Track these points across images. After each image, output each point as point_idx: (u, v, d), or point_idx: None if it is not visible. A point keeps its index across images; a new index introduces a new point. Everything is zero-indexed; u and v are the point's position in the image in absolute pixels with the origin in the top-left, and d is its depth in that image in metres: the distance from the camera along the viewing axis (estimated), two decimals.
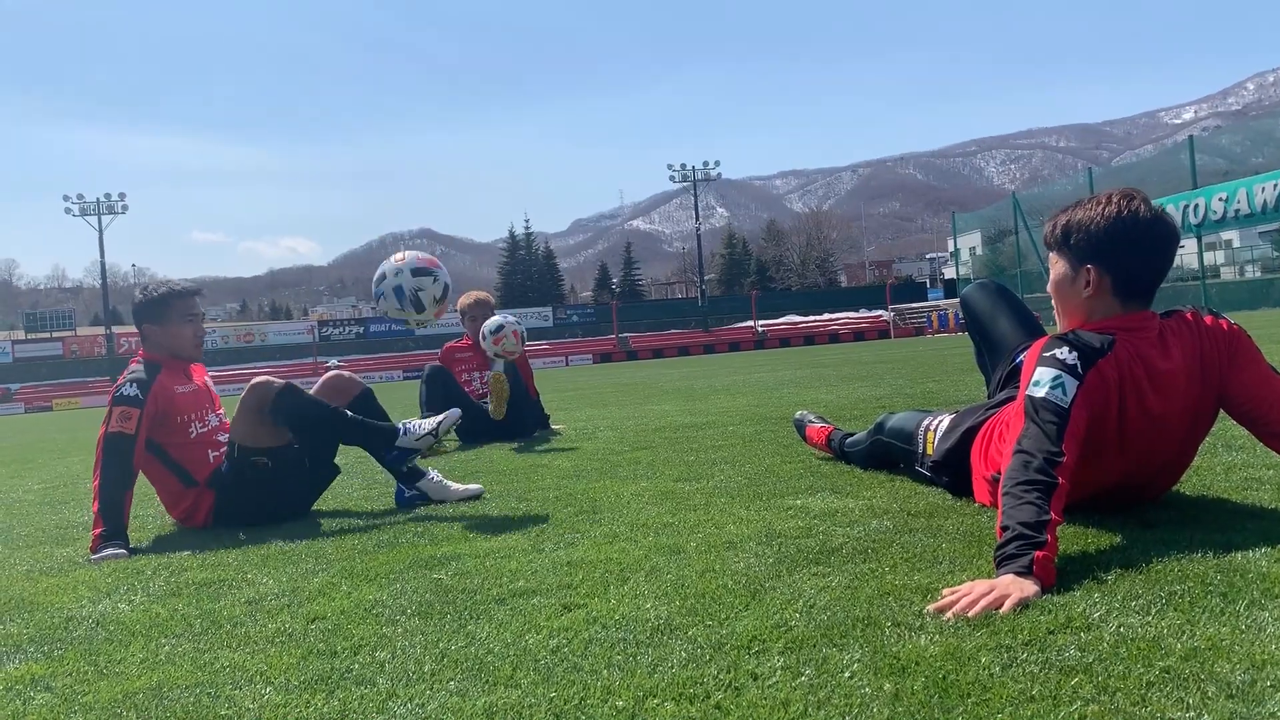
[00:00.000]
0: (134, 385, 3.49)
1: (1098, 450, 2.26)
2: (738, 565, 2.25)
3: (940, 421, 3.02)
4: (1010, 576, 1.84)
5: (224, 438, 3.68)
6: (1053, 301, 2.46)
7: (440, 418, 3.63)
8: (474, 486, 3.81)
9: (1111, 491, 2.43)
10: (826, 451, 3.93)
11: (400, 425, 3.64)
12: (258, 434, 3.57)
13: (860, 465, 3.60)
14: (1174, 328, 2.32)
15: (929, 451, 3.01)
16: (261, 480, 3.58)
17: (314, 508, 3.85)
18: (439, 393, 6.17)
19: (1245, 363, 2.31)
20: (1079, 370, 2.19)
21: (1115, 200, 2.31)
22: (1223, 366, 2.31)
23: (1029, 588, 1.80)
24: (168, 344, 3.68)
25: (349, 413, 3.70)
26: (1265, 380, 2.32)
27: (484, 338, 6.02)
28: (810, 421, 4.12)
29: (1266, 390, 2.31)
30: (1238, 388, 2.32)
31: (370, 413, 3.79)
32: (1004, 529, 1.96)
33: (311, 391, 3.89)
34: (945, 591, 1.85)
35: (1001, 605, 1.74)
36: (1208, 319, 2.35)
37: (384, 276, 3.65)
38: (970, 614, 1.71)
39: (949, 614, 1.73)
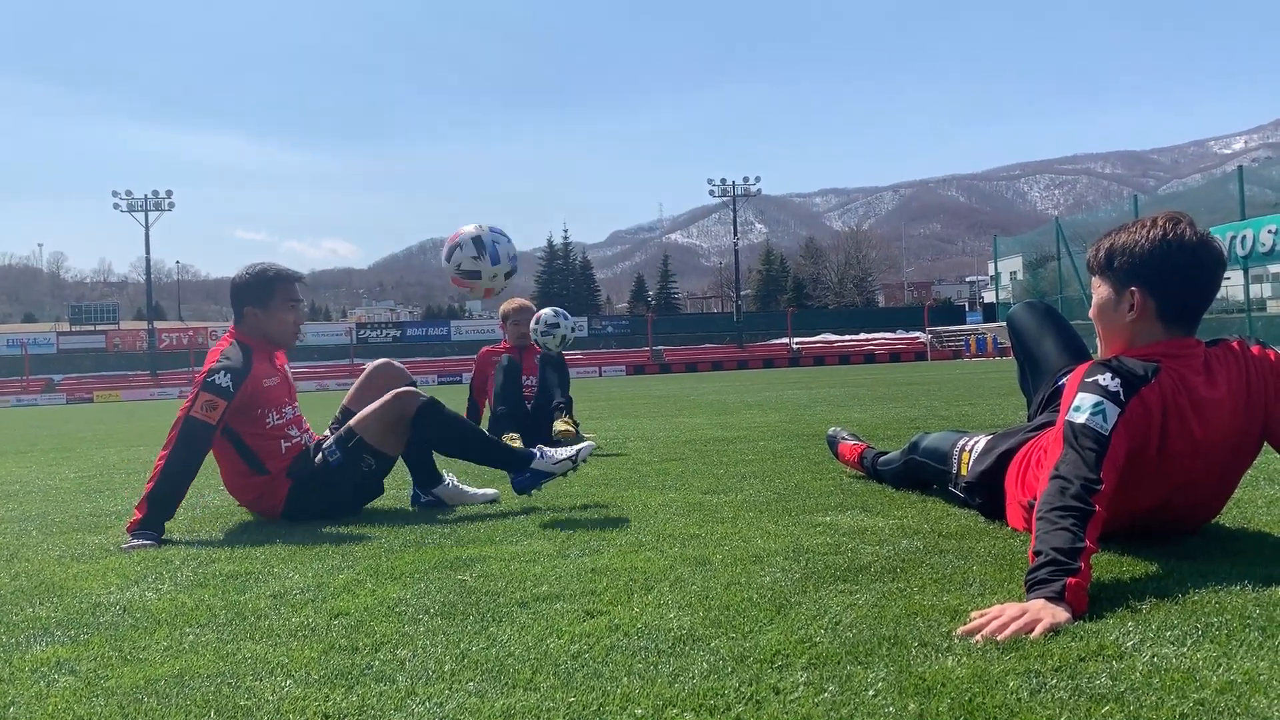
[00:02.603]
0: (227, 375, 3.38)
1: (1137, 477, 2.22)
2: (764, 579, 2.23)
3: (976, 443, 2.97)
4: (1041, 601, 1.80)
5: (295, 431, 3.63)
6: (1095, 327, 2.42)
7: (580, 446, 3.65)
8: (489, 491, 3.82)
9: (1149, 520, 2.38)
10: (858, 470, 3.89)
11: (537, 450, 3.65)
12: (385, 440, 3.60)
13: (892, 485, 3.55)
14: (1220, 356, 2.27)
15: (963, 472, 2.96)
16: (355, 479, 3.60)
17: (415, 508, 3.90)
18: (513, 390, 6.35)
19: None
20: (1121, 398, 2.15)
21: (1161, 223, 2.27)
22: (1269, 398, 2.26)
23: (1060, 614, 1.77)
24: (267, 329, 3.59)
25: (487, 434, 3.77)
26: None
27: (541, 329, 6.26)
28: (843, 438, 4.08)
29: None
30: None
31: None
32: (1037, 553, 1.93)
33: (355, 386, 3.96)
34: (974, 614, 1.81)
35: (1032, 630, 1.71)
36: (1255, 349, 2.30)
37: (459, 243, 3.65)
38: (1000, 637, 1.68)
39: (978, 637, 1.70)
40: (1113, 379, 2.18)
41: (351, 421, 3.62)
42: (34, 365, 56.78)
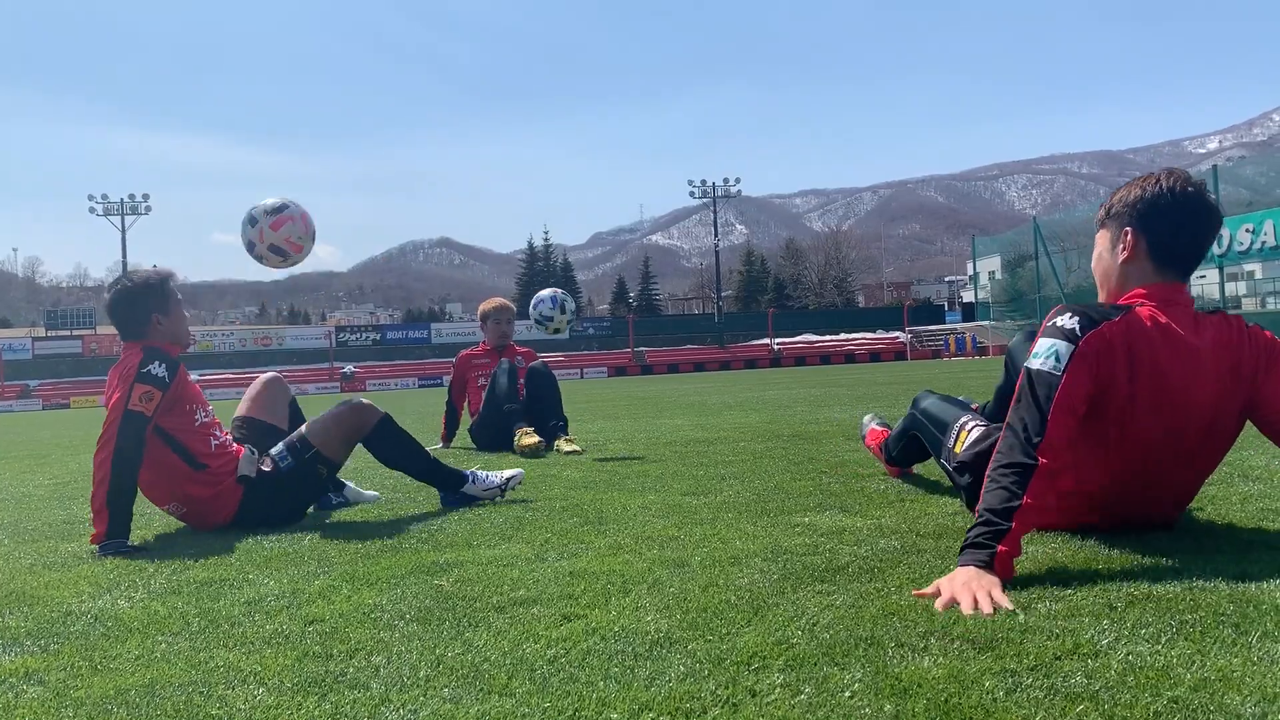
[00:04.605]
0: (162, 366, 3.40)
1: (1102, 440, 2.25)
2: (741, 581, 2.22)
3: (976, 426, 2.98)
4: (972, 571, 1.92)
5: (219, 433, 3.61)
6: (1096, 284, 2.48)
7: (510, 474, 3.88)
8: (372, 493, 4.03)
9: (1118, 503, 2.39)
10: (879, 456, 3.92)
11: (469, 473, 3.84)
12: (336, 448, 3.69)
13: (895, 456, 3.58)
14: (1213, 320, 2.33)
15: (958, 449, 2.95)
16: (309, 485, 3.67)
17: (320, 511, 3.87)
18: (514, 388, 6.37)
19: None
20: (1076, 334, 2.20)
21: (1160, 176, 2.36)
22: (1258, 372, 2.29)
23: (992, 582, 1.89)
24: (175, 329, 3.61)
25: (431, 454, 3.88)
26: None
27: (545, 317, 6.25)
28: (872, 426, 4.15)
29: None
30: (1269, 399, 2.29)
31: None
32: (978, 513, 2.02)
33: (249, 395, 4.06)
34: (917, 592, 1.95)
35: (980, 604, 1.82)
36: (1252, 326, 2.35)
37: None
38: (938, 606, 1.84)
39: (939, 604, 1.85)
40: (1071, 318, 2.23)
41: (305, 430, 3.69)
42: (9, 371, 56.18)
